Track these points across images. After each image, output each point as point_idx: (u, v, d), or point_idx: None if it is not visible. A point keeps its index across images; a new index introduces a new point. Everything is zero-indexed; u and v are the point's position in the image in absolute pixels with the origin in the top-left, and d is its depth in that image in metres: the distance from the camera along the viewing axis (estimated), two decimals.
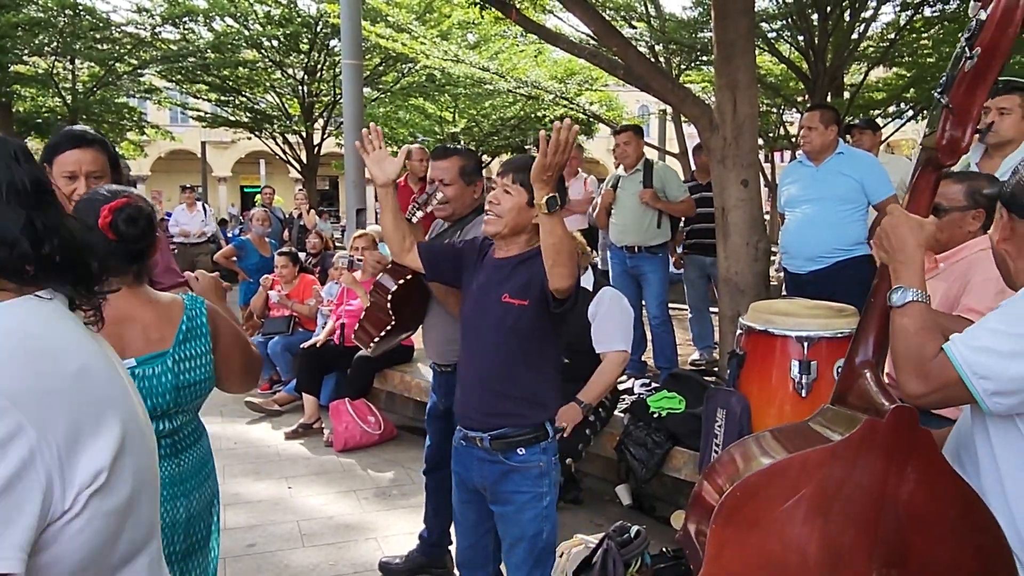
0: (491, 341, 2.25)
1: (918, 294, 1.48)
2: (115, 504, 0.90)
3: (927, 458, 1.41)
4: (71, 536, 0.85)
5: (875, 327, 1.58)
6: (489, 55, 13.14)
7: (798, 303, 3.19)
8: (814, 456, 1.41)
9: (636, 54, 4.86)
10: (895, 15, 10.81)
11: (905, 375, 1.44)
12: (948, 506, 1.42)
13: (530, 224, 2.25)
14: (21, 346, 0.88)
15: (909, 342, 1.45)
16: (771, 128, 14.18)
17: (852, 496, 1.40)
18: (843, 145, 4.26)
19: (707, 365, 5.55)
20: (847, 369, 1.60)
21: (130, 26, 14.80)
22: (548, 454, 2.29)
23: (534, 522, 2.27)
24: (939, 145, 1.50)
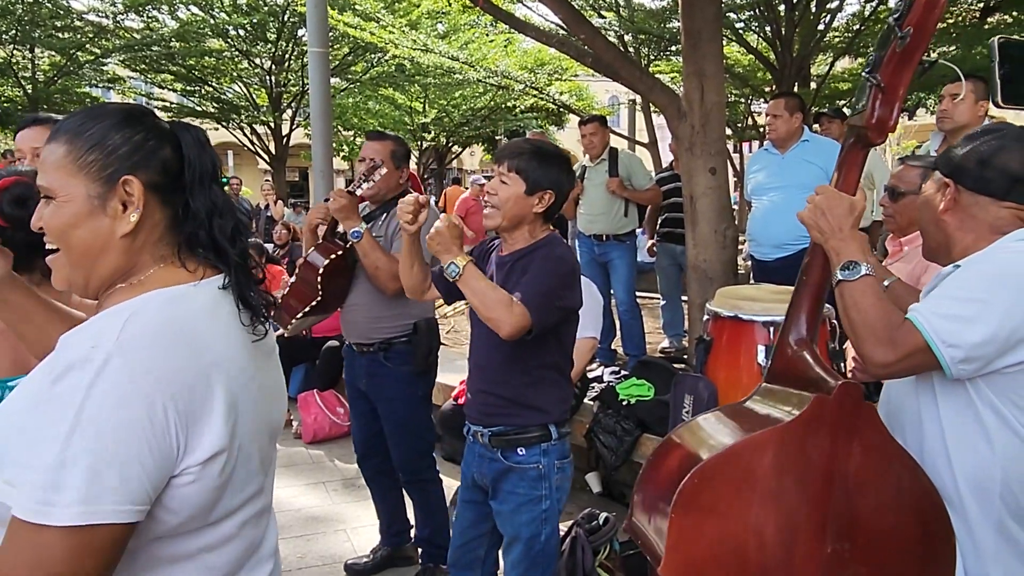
0: (490, 342, 2.15)
1: (869, 268, 1.49)
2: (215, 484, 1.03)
3: (872, 430, 1.44)
4: (187, 493, 1.00)
5: (807, 305, 1.60)
6: (459, 45, 13.05)
7: (764, 288, 3.22)
8: (766, 437, 1.42)
9: (604, 42, 4.85)
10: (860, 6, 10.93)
11: (870, 346, 1.45)
12: (892, 475, 1.45)
13: (531, 214, 2.15)
14: (182, 333, 1.02)
15: (869, 313, 1.46)
16: (739, 118, 14.28)
17: (804, 474, 1.42)
18: (808, 133, 4.29)
19: (677, 352, 5.59)
20: (781, 347, 1.62)
21: (91, 14, 14.50)
22: (549, 457, 2.19)
23: (530, 525, 2.19)
24: (869, 123, 1.52)
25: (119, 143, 1.06)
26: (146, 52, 14.88)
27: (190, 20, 15.11)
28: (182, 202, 1.11)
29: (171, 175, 1.09)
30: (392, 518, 3.25)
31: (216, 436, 1.01)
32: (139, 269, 1.10)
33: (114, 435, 0.92)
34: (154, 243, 1.10)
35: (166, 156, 1.09)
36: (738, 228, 4.86)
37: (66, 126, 1.07)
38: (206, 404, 1.01)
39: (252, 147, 17.66)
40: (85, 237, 1.06)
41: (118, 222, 1.06)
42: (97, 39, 14.56)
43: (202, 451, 1.00)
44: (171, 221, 1.11)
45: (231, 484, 1.07)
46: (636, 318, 5.29)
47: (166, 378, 0.97)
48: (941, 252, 1.64)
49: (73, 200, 1.05)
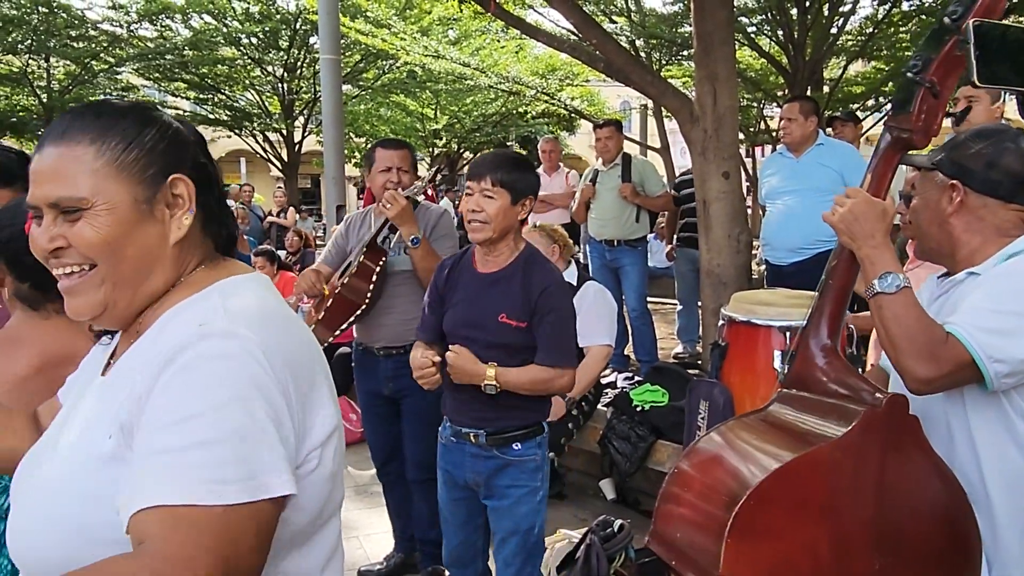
0: (487, 357, 2.18)
1: (906, 279, 1.45)
2: (334, 464, 0.98)
3: (916, 443, 1.41)
4: (313, 482, 0.93)
5: (831, 309, 1.56)
6: (470, 51, 13.06)
7: (780, 293, 3.19)
8: (819, 454, 1.37)
9: (616, 47, 4.85)
10: (873, 9, 10.86)
11: (912, 361, 1.41)
12: (932, 488, 1.43)
13: (517, 223, 2.22)
14: (272, 314, 0.96)
15: (912, 327, 1.42)
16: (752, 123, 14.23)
17: (856, 489, 1.38)
18: (823, 136, 4.26)
19: (690, 358, 5.56)
20: (803, 352, 1.57)
21: (106, 23, 14.64)
22: (543, 448, 2.29)
23: (528, 516, 2.26)
24: (915, 126, 1.47)
25: (156, 139, 0.96)
26: (159, 61, 15.02)
27: (203, 29, 15.24)
28: (212, 203, 1.02)
29: (202, 173, 1.00)
30: (408, 524, 3.23)
31: (329, 415, 0.96)
32: (182, 274, 1.00)
33: (254, 409, 0.85)
34: (197, 246, 1.01)
35: (195, 153, 1.01)
36: (752, 233, 4.83)
37: (79, 124, 0.94)
38: (315, 382, 0.96)
39: (264, 154, 17.76)
40: (136, 248, 0.94)
41: (169, 227, 0.96)
42: (111, 48, 14.70)
43: (319, 431, 0.94)
44: (205, 222, 1.01)
45: (339, 474, 1.01)
46: (647, 324, 5.27)
47: (280, 354, 0.90)
48: (943, 254, 1.62)
49: (117, 207, 0.92)
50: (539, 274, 2.20)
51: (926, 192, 1.62)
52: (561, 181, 6.29)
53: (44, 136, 0.95)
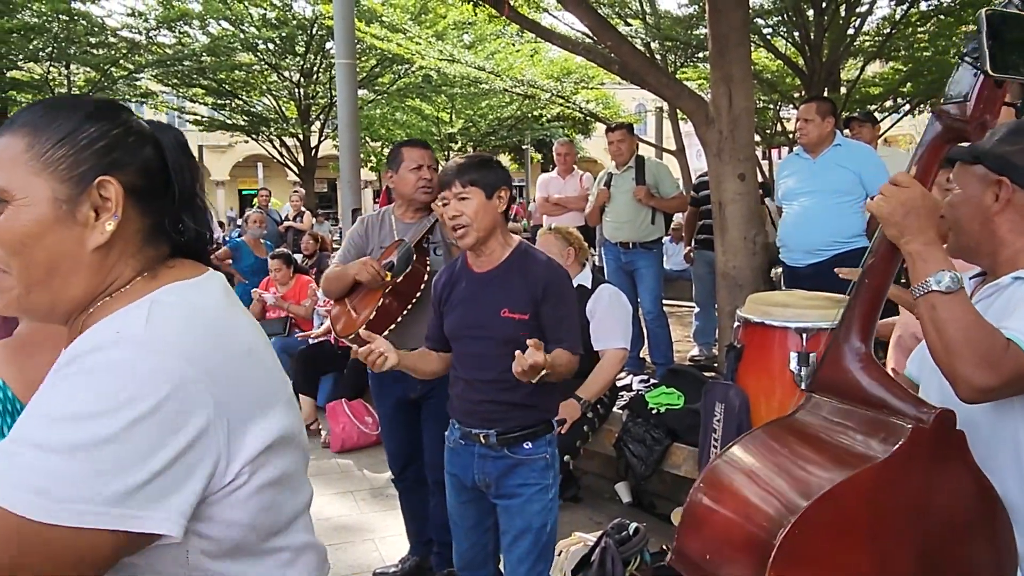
0: (494, 353, 2.20)
1: (961, 278, 1.36)
2: (276, 477, 0.92)
3: (962, 460, 1.34)
4: (235, 504, 0.88)
5: (866, 310, 1.45)
6: (485, 55, 13.10)
7: (796, 294, 3.17)
8: (865, 476, 1.28)
9: (631, 49, 4.84)
10: (891, 9, 10.78)
11: (970, 368, 1.31)
12: (976, 507, 1.36)
13: (499, 216, 2.23)
14: (209, 322, 0.91)
15: (970, 332, 1.32)
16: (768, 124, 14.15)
17: (900, 510, 1.30)
18: (840, 137, 4.23)
19: (706, 361, 5.53)
20: (834, 355, 1.46)
21: (125, 30, 14.77)
22: (552, 446, 2.30)
23: (540, 514, 2.26)
24: (972, 117, 1.37)
25: (95, 137, 0.90)
26: (178, 67, 15.14)
27: (221, 35, 15.37)
28: (166, 210, 0.96)
29: (153, 178, 0.94)
30: (424, 527, 3.23)
31: (272, 424, 0.91)
32: (119, 282, 0.94)
33: (144, 430, 0.78)
34: (133, 255, 0.94)
35: (148, 156, 0.94)
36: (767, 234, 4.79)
37: (25, 116, 0.91)
38: (252, 392, 0.90)
39: (281, 159, 17.87)
40: (49, 249, 0.88)
41: (90, 232, 0.90)
42: (130, 55, 14.84)
43: (254, 444, 0.89)
44: (151, 231, 0.95)
45: (292, 480, 0.97)
46: (663, 327, 5.25)
47: (203, 369, 0.84)
48: (981, 253, 1.54)
49: (35, 203, 0.87)
50: (538, 267, 2.24)
51: (967, 186, 1.52)
52: (575, 184, 6.28)
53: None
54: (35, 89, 14.60)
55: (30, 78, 14.47)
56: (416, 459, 3.10)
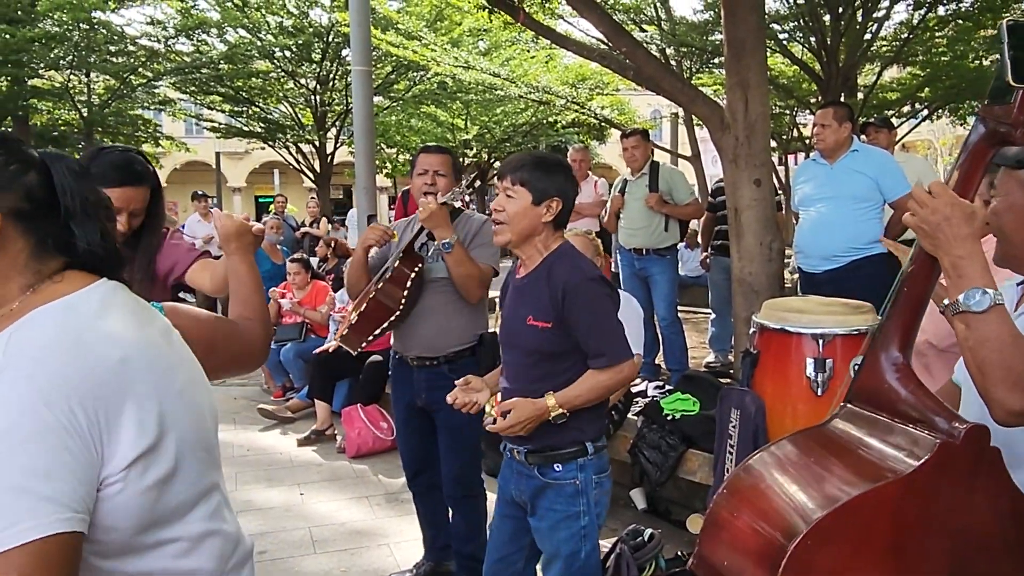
0: (523, 363, 2.16)
1: (999, 294, 1.28)
2: (157, 475, 0.99)
3: (996, 477, 1.28)
4: (120, 503, 0.95)
5: (906, 320, 1.40)
6: (500, 61, 13.15)
7: (813, 300, 3.15)
8: (887, 491, 1.23)
9: (646, 55, 4.84)
10: (908, 14, 10.72)
11: (1005, 390, 1.24)
12: (1010, 525, 1.30)
13: (541, 226, 2.13)
14: (79, 339, 0.97)
15: (1005, 353, 1.25)
16: (784, 130, 14.10)
17: (926, 528, 1.26)
18: (858, 143, 4.20)
19: (722, 367, 5.50)
20: (871, 364, 1.42)
21: (144, 39, 14.97)
22: (587, 472, 2.16)
23: (569, 542, 2.15)
24: (1017, 119, 1.29)
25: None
26: (196, 74, 15.31)
27: (238, 43, 15.51)
28: (52, 229, 1.04)
29: (37, 201, 1.03)
30: (438, 533, 3.23)
31: (139, 436, 0.97)
32: (8, 298, 1.02)
33: (29, 444, 0.87)
34: (18, 272, 1.03)
35: (30, 182, 1.03)
36: (784, 240, 4.77)
37: None
38: (122, 405, 0.96)
39: (297, 165, 17.99)
40: None
41: None
42: (149, 63, 15.02)
43: (124, 454, 0.95)
44: (36, 249, 1.03)
45: (179, 477, 1.03)
46: (677, 333, 5.23)
47: (70, 383, 0.92)
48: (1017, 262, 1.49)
49: None
50: (561, 271, 2.10)
51: (1012, 193, 1.45)
52: (590, 190, 6.28)
53: None
54: (55, 97, 14.81)
55: (51, 86, 14.67)
56: (429, 467, 3.10)
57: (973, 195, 1.36)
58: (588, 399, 2.09)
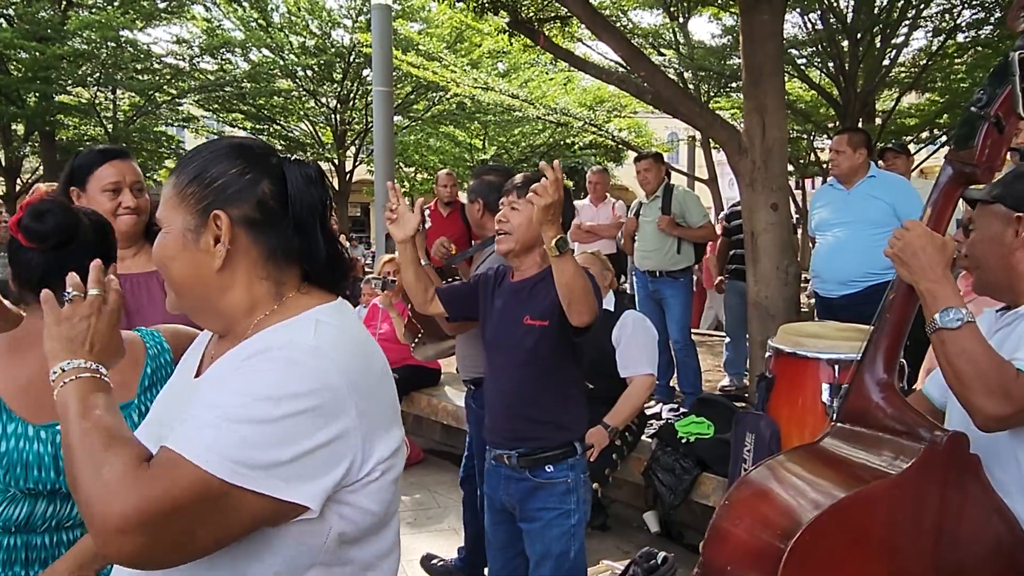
0: (514, 364, 2.26)
1: (969, 313, 1.43)
2: (393, 478, 1.08)
3: (977, 482, 1.39)
4: (370, 495, 1.03)
5: (889, 343, 1.54)
6: (519, 83, 13.25)
7: (829, 326, 3.15)
8: (879, 489, 1.35)
9: (664, 79, 4.88)
10: (927, 41, 10.73)
11: (983, 398, 1.38)
12: (990, 526, 1.40)
13: (540, 239, 2.21)
14: (357, 343, 1.07)
15: (980, 364, 1.39)
16: (802, 154, 14.09)
17: (915, 527, 1.36)
18: (875, 168, 4.21)
19: (737, 391, 5.48)
20: (858, 386, 1.55)
21: (170, 57, 15.24)
22: (576, 471, 2.28)
23: (560, 540, 2.24)
24: (979, 161, 1.47)
25: (215, 176, 1.06)
26: (219, 92, 15.54)
27: (261, 62, 15.74)
28: (286, 237, 1.08)
29: (269, 210, 1.07)
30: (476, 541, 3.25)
31: (395, 435, 1.07)
32: (261, 303, 1.09)
33: (291, 420, 0.93)
34: (262, 278, 1.09)
35: (263, 191, 1.07)
36: (800, 265, 4.77)
37: (182, 159, 1.11)
38: (384, 405, 1.06)
39: None
40: (181, 269, 1.07)
41: (209, 257, 1.05)
42: (174, 81, 15.26)
43: (385, 448, 1.04)
44: (269, 256, 1.08)
45: (398, 483, 1.11)
46: (691, 356, 5.22)
47: (356, 379, 1.00)
48: (1003, 288, 1.60)
49: (172, 232, 1.07)
50: None
51: (987, 225, 1.60)
52: (608, 212, 6.32)
53: None
54: (82, 113, 15.06)
55: (77, 102, 14.93)
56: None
57: (944, 229, 1.53)
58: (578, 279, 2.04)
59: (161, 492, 0.87)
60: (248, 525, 0.94)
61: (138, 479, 0.88)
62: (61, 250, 1.45)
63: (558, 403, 2.25)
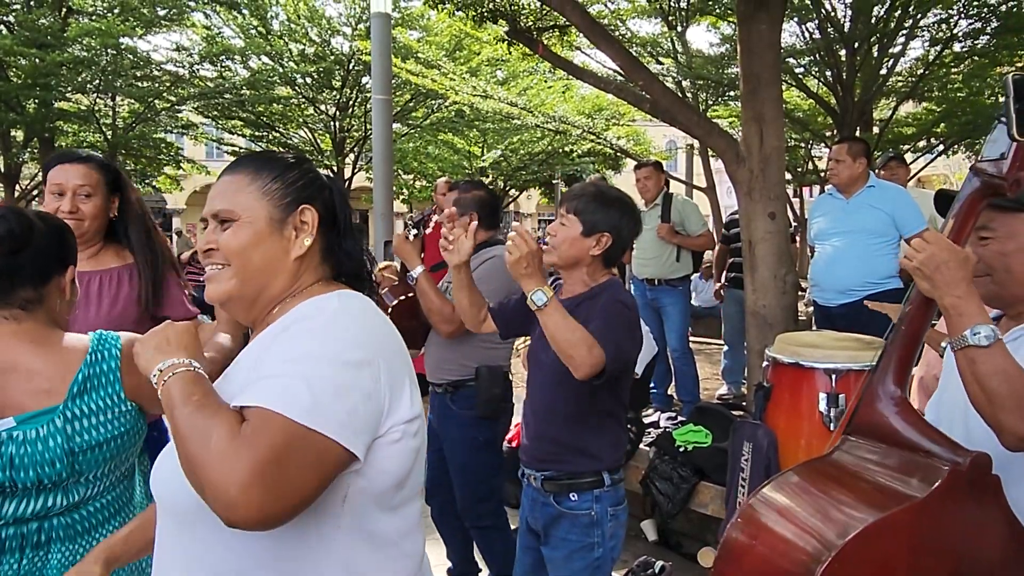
0: (546, 384, 2.19)
1: (997, 331, 1.38)
2: (415, 444, 1.16)
3: (996, 503, 1.35)
4: (390, 455, 1.11)
5: (902, 355, 1.49)
6: (518, 91, 13.28)
7: (826, 335, 3.15)
8: (904, 515, 1.30)
9: (662, 88, 4.89)
10: (924, 50, 10.77)
11: (1015, 418, 1.34)
12: (1007, 547, 1.36)
13: (588, 256, 2.17)
14: (377, 316, 1.21)
15: (1014, 383, 1.34)
16: (800, 163, 14.12)
17: (938, 551, 1.32)
18: (874, 178, 4.23)
19: (735, 399, 5.48)
20: (870, 399, 1.50)
21: (169, 64, 15.22)
22: (602, 503, 2.16)
23: (582, 573, 2.15)
24: (1008, 174, 1.42)
25: (297, 177, 1.22)
26: (218, 100, 15.53)
27: (260, 69, 15.75)
28: (333, 237, 1.25)
29: (331, 213, 1.24)
30: (459, 558, 3.24)
31: (414, 400, 1.15)
32: (302, 285, 1.22)
33: (342, 374, 1.04)
34: (314, 268, 1.24)
35: (327, 196, 1.25)
36: (798, 273, 4.78)
37: (245, 164, 1.23)
38: (403, 372, 1.15)
39: None
40: (263, 255, 1.18)
41: (292, 244, 1.20)
42: (174, 88, 15.25)
43: (404, 411, 1.12)
44: (325, 251, 1.24)
45: (417, 467, 1.18)
46: (689, 364, 5.22)
47: (379, 341, 1.13)
48: (1017, 300, 1.56)
49: (255, 221, 1.18)
50: (601, 302, 2.11)
51: (1018, 234, 1.54)
52: None
53: (222, 171, 1.25)
54: (81, 120, 15.06)
55: (77, 109, 14.92)
56: (442, 491, 3.11)
57: (964, 242, 1.47)
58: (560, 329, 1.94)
59: (264, 447, 0.95)
60: (332, 473, 1.02)
61: (242, 441, 0.96)
62: (17, 255, 1.46)
63: (589, 429, 2.15)
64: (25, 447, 1.39)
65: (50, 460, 1.40)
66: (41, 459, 1.40)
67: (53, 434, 1.41)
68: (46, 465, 1.40)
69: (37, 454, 1.40)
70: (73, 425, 1.43)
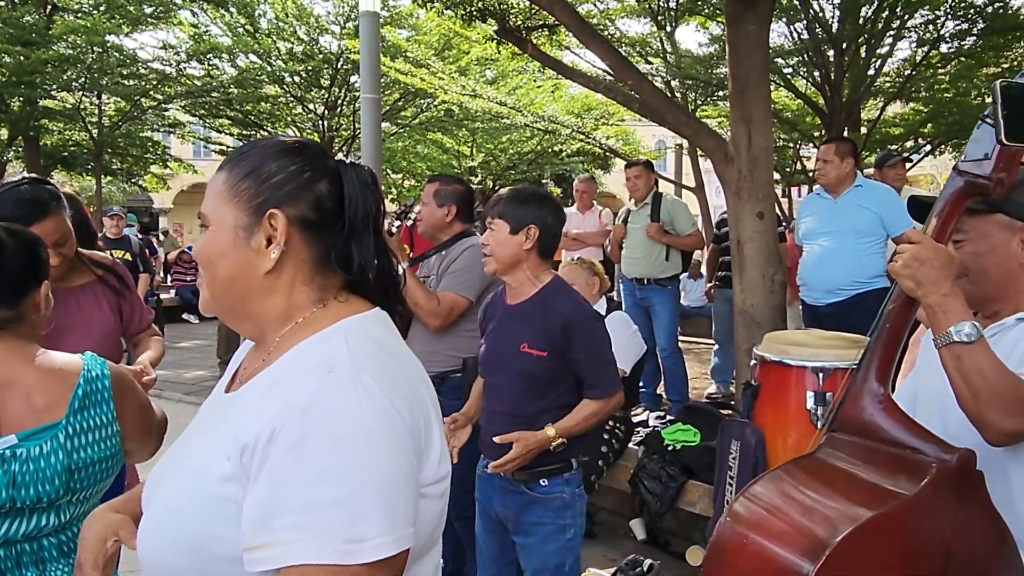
0: (514, 388, 2.25)
1: (980, 327, 1.40)
2: (441, 492, 1.01)
3: (979, 498, 1.37)
4: (428, 507, 0.97)
5: (885, 354, 1.50)
6: (507, 90, 13.28)
7: (813, 334, 3.17)
8: (897, 511, 1.30)
9: (651, 88, 4.90)
10: (911, 51, 10.83)
11: (998, 414, 1.35)
12: (993, 543, 1.38)
13: (523, 252, 2.25)
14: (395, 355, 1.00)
15: (994, 380, 1.36)
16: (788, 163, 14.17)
17: (928, 547, 1.33)
18: (861, 178, 4.25)
19: (724, 398, 5.50)
20: (854, 396, 1.51)
21: (156, 62, 15.12)
22: (572, 485, 2.27)
23: (556, 554, 2.23)
24: (992, 176, 1.43)
25: (272, 172, 1.01)
26: (206, 98, 15.44)
27: (248, 68, 15.67)
28: (338, 241, 1.03)
29: (325, 212, 1.02)
30: (449, 549, 3.22)
31: (441, 445, 1.00)
32: (297, 310, 1.03)
33: (387, 455, 0.88)
34: (305, 283, 1.03)
35: (321, 191, 1.02)
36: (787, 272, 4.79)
37: (231, 157, 1.05)
38: (429, 421, 0.98)
39: None
40: (228, 268, 1.01)
41: (260, 257, 1.00)
42: (160, 86, 15.15)
43: (433, 466, 0.97)
44: (320, 261, 1.03)
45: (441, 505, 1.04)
46: (678, 363, 5.24)
47: (403, 399, 0.93)
48: (993, 299, 1.58)
49: (221, 229, 1.01)
50: (560, 304, 2.23)
51: (990, 235, 1.55)
52: (595, 220, 6.33)
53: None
54: (67, 118, 14.93)
55: (62, 107, 14.80)
56: None
57: (947, 241, 1.49)
58: (584, 427, 2.22)
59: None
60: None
61: None
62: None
63: (555, 419, 2.23)
64: (28, 464, 1.36)
65: (50, 477, 1.38)
66: (42, 476, 1.37)
67: (55, 450, 1.38)
68: (46, 483, 1.38)
69: (39, 471, 1.37)
70: (73, 441, 1.40)
